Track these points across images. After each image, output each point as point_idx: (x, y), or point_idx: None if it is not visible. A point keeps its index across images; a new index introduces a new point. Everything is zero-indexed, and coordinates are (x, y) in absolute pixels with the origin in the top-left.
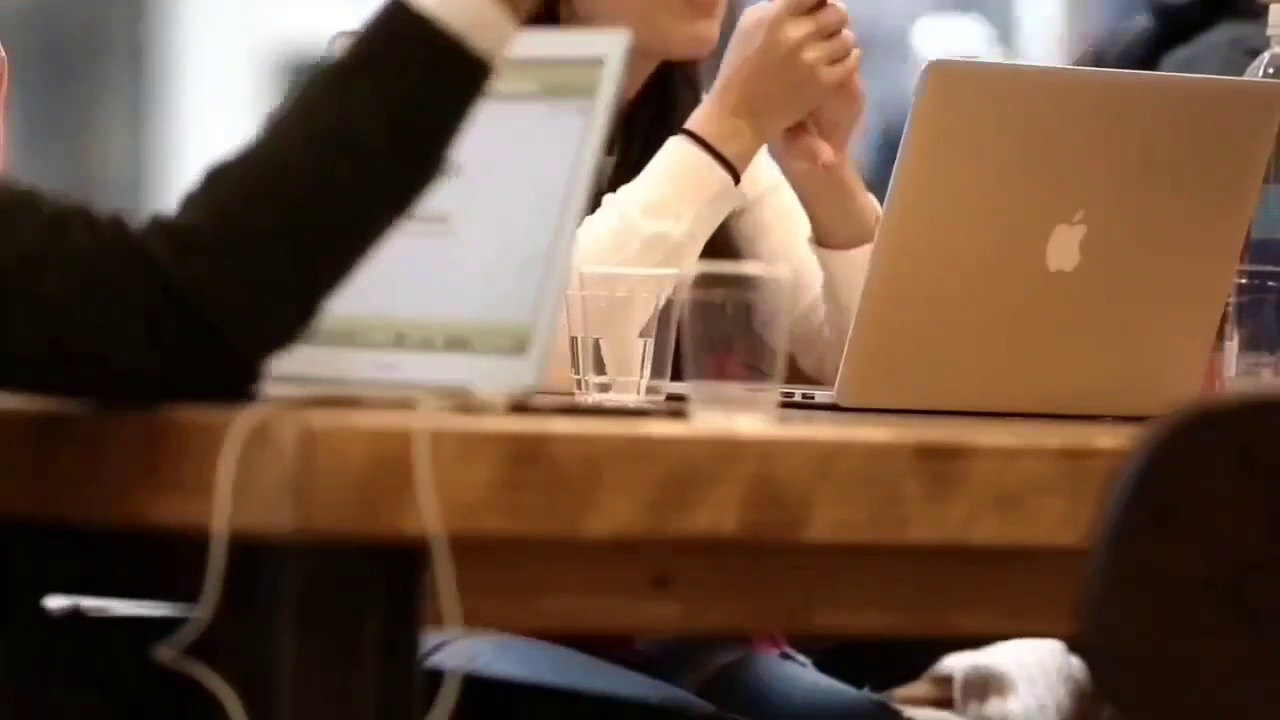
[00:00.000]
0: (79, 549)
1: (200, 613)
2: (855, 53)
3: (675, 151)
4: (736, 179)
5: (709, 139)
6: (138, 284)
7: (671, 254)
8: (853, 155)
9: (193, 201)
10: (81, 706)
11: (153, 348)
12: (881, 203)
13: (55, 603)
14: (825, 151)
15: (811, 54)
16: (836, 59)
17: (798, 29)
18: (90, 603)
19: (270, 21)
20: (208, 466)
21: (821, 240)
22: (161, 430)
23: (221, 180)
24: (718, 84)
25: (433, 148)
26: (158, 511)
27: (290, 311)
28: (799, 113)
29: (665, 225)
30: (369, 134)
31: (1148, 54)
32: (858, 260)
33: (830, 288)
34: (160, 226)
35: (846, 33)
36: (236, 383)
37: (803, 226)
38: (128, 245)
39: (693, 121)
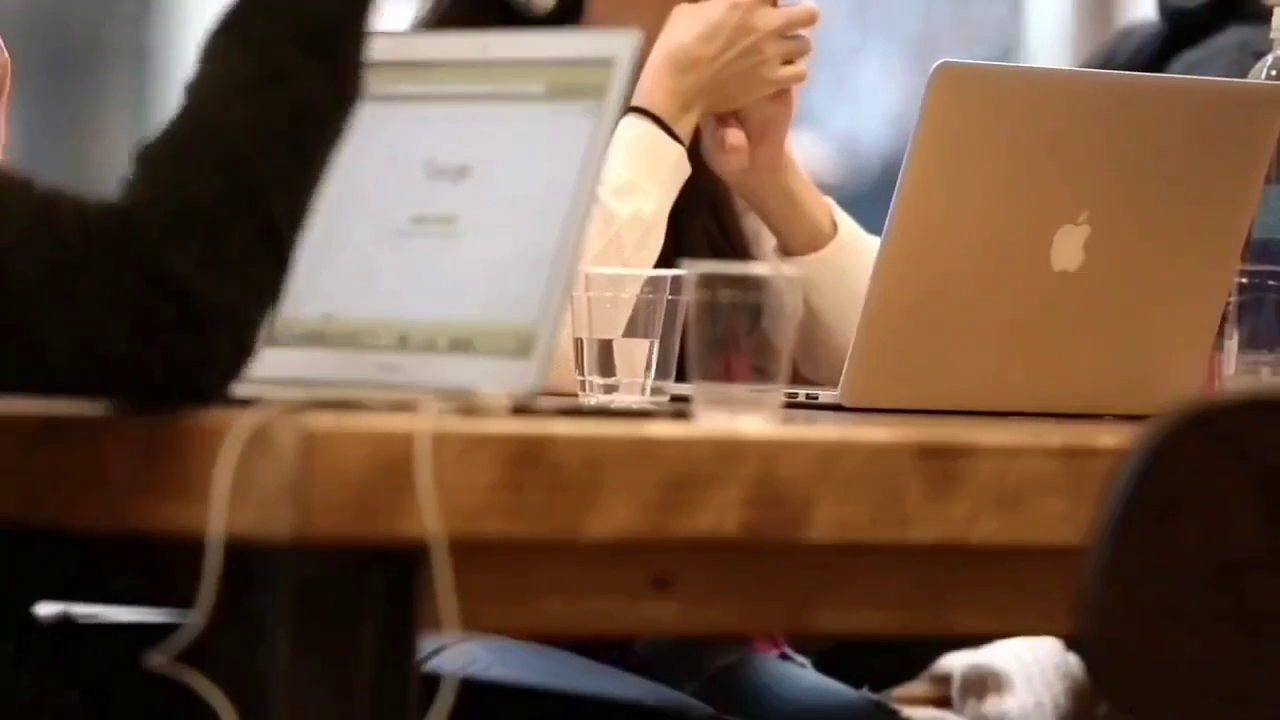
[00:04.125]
0: (70, 554)
1: (194, 618)
2: (805, 62)
3: (633, 131)
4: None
5: (664, 117)
6: (125, 271)
7: (648, 229)
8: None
9: (134, 184)
10: (73, 715)
11: (140, 335)
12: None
13: (46, 609)
14: (733, 135)
15: (772, 48)
16: (790, 59)
17: (768, 20)
18: (82, 609)
19: None
20: (206, 470)
21: (782, 248)
22: (159, 434)
23: (156, 158)
24: (670, 50)
25: (348, 58)
26: (154, 516)
27: (266, 263)
28: (741, 101)
29: (638, 203)
30: (283, 62)
31: (1157, 56)
32: (816, 265)
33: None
34: (112, 213)
35: (806, 35)
36: (232, 361)
37: None
38: (116, 231)
39: (644, 98)
